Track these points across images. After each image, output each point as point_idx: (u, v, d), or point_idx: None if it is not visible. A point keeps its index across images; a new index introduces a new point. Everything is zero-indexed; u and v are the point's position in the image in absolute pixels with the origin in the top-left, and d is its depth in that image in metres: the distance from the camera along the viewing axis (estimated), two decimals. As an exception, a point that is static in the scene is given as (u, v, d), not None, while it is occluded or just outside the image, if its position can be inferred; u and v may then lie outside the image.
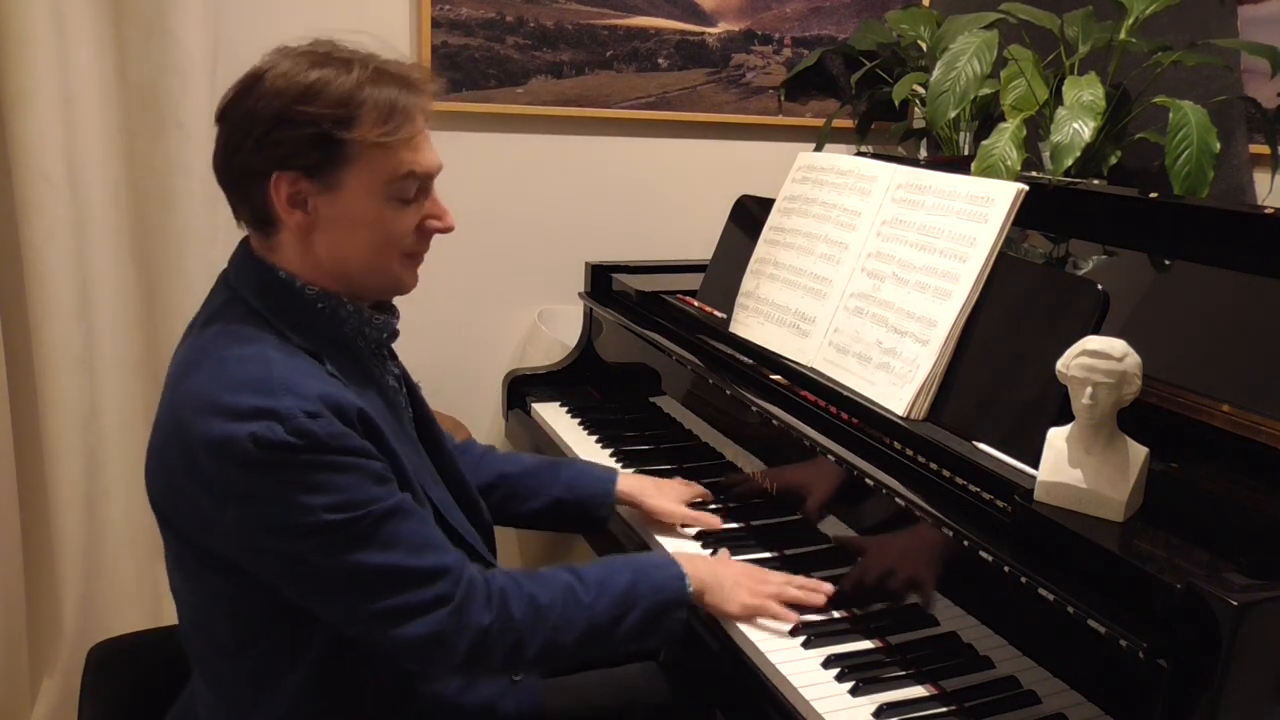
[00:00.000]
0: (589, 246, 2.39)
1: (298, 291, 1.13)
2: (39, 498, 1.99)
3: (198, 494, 1.05)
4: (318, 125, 1.06)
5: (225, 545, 1.08)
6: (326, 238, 1.11)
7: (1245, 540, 1.05)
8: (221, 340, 1.09)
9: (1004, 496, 1.13)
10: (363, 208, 1.10)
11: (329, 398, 1.04)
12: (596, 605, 1.17)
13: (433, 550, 1.10)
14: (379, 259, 1.14)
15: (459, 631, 1.09)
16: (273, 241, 1.13)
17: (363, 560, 1.04)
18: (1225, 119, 1.92)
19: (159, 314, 2.01)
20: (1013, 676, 1.10)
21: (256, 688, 1.15)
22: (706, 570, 1.30)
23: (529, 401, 2.11)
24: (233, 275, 1.16)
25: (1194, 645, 0.89)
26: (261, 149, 1.07)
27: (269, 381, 1.03)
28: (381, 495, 1.06)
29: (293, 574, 1.06)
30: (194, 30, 1.91)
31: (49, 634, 2.05)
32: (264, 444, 1.00)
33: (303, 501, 1.02)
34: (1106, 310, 1.20)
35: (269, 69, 1.09)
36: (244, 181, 1.10)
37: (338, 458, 1.03)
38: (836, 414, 1.43)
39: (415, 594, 1.07)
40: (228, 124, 1.11)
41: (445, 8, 2.26)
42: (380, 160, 1.09)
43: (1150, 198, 1.60)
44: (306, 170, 1.07)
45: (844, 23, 2.61)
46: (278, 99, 1.06)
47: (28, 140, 1.82)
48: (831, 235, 1.59)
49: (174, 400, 1.09)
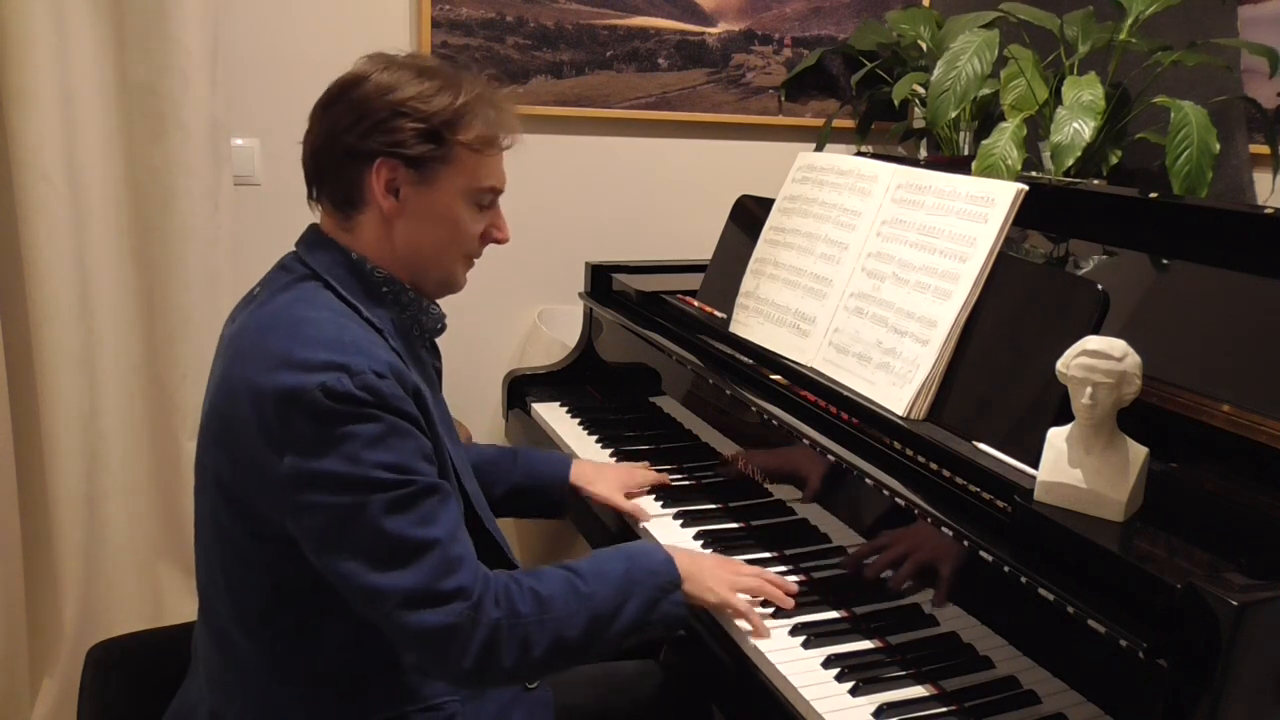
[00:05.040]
0: (589, 246, 2.39)
1: (367, 273, 1.20)
2: (39, 498, 1.99)
3: (259, 447, 1.08)
4: (430, 122, 1.15)
5: (274, 502, 1.10)
6: (407, 227, 1.19)
7: (1245, 540, 1.05)
8: (296, 307, 1.15)
9: (1004, 496, 1.13)
10: (447, 206, 1.20)
11: (395, 366, 1.11)
12: (596, 595, 1.18)
13: (462, 541, 1.13)
14: (446, 255, 1.23)
15: (474, 627, 1.10)
16: (351, 223, 1.20)
17: (401, 529, 1.07)
18: (1225, 119, 1.92)
19: (159, 314, 2.01)
20: (1013, 676, 1.10)
21: (272, 667, 1.16)
22: (686, 559, 1.30)
23: (529, 401, 2.11)
24: (304, 252, 1.22)
25: (1194, 645, 0.89)
26: (374, 134, 1.15)
27: (340, 340, 1.09)
28: (428, 471, 1.11)
29: (331, 533, 1.08)
30: (194, 30, 1.90)
31: (49, 634, 2.05)
32: (332, 394, 1.05)
33: (359, 454, 1.06)
34: (1106, 310, 1.20)
35: (374, 71, 1.17)
36: (344, 162, 1.17)
37: (398, 420, 1.09)
38: (836, 414, 1.43)
39: (440, 579, 1.08)
40: (336, 108, 1.17)
41: (445, 8, 2.26)
42: (473, 167, 1.20)
43: (1150, 198, 1.60)
44: (408, 161, 1.16)
45: (844, 23, 2.61)
46: (395, 92, 1.15)
47: (28, 140, 1.82)
48: (831, 235, 1.59)
49: (242, 363, 1.12)
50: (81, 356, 1.93)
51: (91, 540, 2.00)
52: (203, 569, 1.23)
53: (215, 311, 2.01)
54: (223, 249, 2.01)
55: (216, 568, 1.20)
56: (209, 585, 1.22)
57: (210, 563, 1.21)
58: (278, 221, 2.41)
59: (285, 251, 1.26)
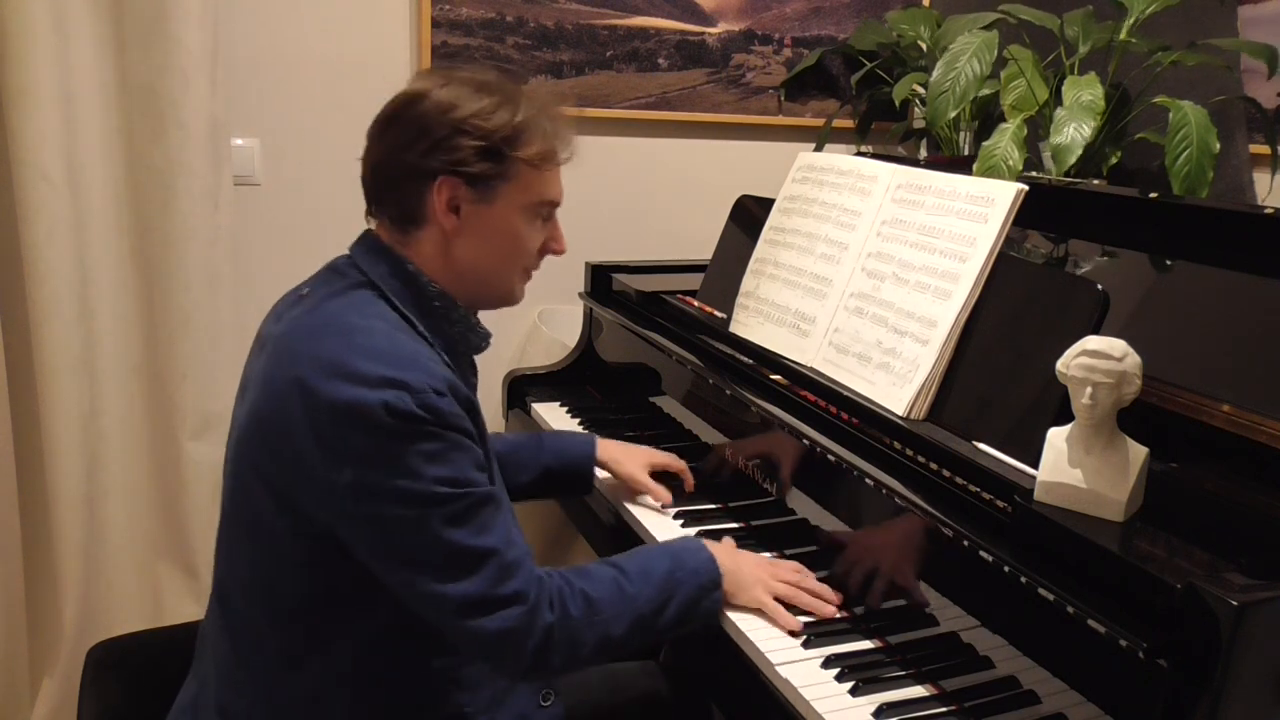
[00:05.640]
0: (589, 246, 2.39)
1: (422, 286, 1.20)
2: (39, 498, 1.99)
3: (314, 455, 1.08)
4: (490, 139, 1.15)
5: (327, 509, 1.10)
6: (467, 243, 1.20)
7: (1245, 540, 1.05)
8: (349, 312, 1.15)
9: (1004, 496, 1.13)
10: (507, 222, 1.20)
11: (451, 382, 1.11)
12: (641, 595, 1.21)
13: (516, 546, 1.14)
14: (506, 270, 1.24)
15: (529, 632, 1.12)
16: (410, 239, 1.20)
17: (459, 538, 1.09)
18: (1225, 119, 1.92)
19: (159, 314, 2.00)
20: (1013, 676, 1.10)
21: (290, 665, 1.17)
22: (726, 557, 1.32)
23: (529, 401, 2.11)
24: (360, 258, 1.21)
25: (1194, 645, 0.89)
26: (435, 153, 1.15)
27: (398, 355, 1.09)
28: (482, 481, 1.13)
29: (390, 545, 1.09)
30: (194, 30, 1.90)
31: (49, 634, 2.05)
32: (395, 413, 1.05)
33: (420, 470, 1.06)
34: (1106, 310, 1.20)
35: (433, 88, 1.17)
36: (405, 181, 1.17)
37: (457, 435, 1.10)
38: (836, 414, 1.43)
39: (499, 585, 1.10)
40: (396, 128, 1.17)
41: (445, 8, 2.26)
42: (532, 183, 1.20)
43: (1150, 198, 1.60)
44: (469, 179, 1.16)
45: (844, 23, 2.61)
46: (455, 110, 1.15)
47: (28, 140, 1.82)
48: (831, 235, 1.59)
49: (291, 364, 1.11)
50: (81, 356, 1.93)
51: (91, 540, 2.00)
52: (225, 563, 1.23)
53: (215, 311, 2.01)
54: (223, 249, 2.00)
55: (245, 563, 1.20)
56: (233, 582, 1.21)
57: (238, 558, 1.21)
58: (278, 221, 2.40)
59: (285, 251, 1.26)
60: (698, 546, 1.32)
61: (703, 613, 1.27)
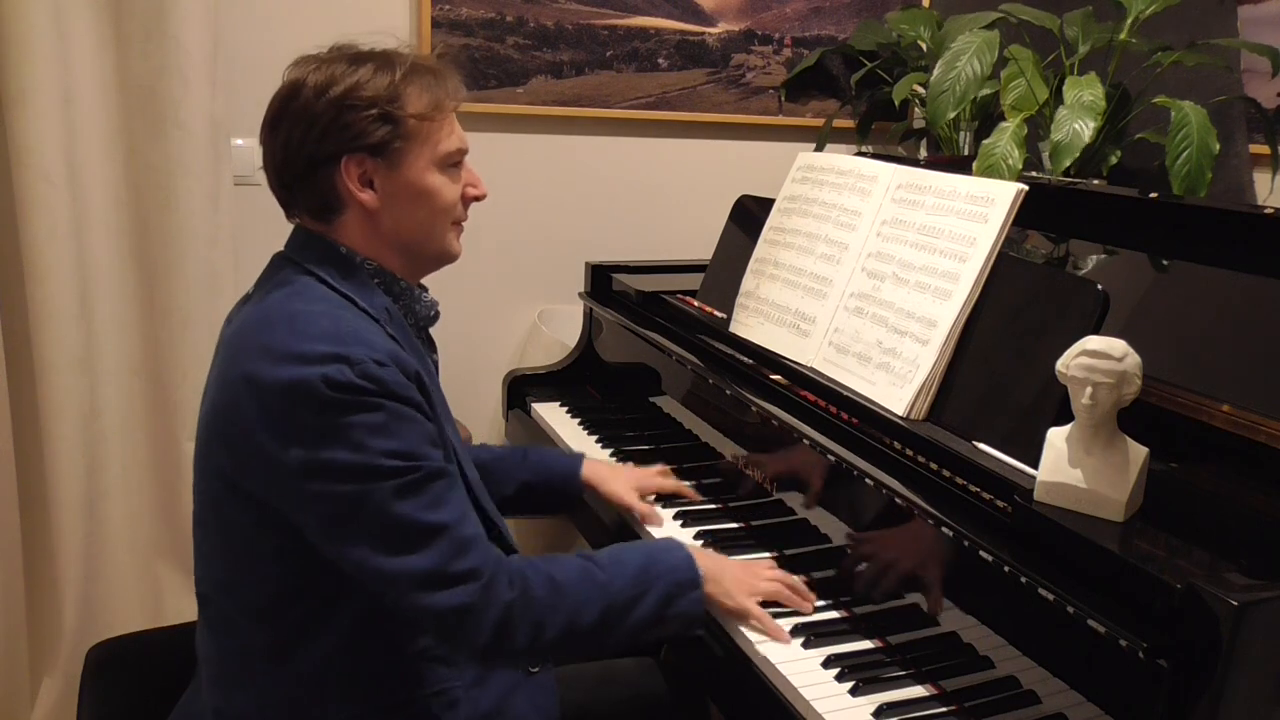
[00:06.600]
0: (589, 246, 2.39)
1: (358, 266, 1.21)
2: (39, 498, 1.99)
3: (264, 440, 1.08)
4: (376, 105, 1.15)
5: (280, 493, 1.10)
6: (391, 212, 1.20)
7: (1245, 540, 1.05)
8: (292, 300, 1.15)
9: (1004, 496, 1.13)
10: (422, 179, 1.20)
11: (394, 353, 1.12)
12: (613, 584, 1.20)
13: (471, 522, 1.14)
14: (435, 227, 1.24)
15: (486, 607, 1.11)
16: (334, 225, 1.21)
17: (410, 513, 1.08)
18: (1225, 119, 1.92)
19: (159, 314, 2.00)
20: (1013, 676, 1.10)
21: (275, 660, 1.17)
22: (710, 562, 1.31)
23: (529, 401, 2.11)
24: (294, 251, 1.22)
25: (1194, 645, 0.89)
26: (329, 137, 1.15)
27: (339, 332, 1.10)
28: (434, 455, 1.12)
29: (340, 521, 1.09)
30: (194, 30, 1.90)
31: (49, 634, 2.05)
32: (334, 385, 1.06)
33: (365, 442, 1.06)
34: (1106, 310, 1.20)
35: (307, 74, 1.17)
36: (311, 172, 1.17)
37: (402, 407, 1.10)
38: (836, 414, 1.43)
39: (452, 561, 1.10)
40: (284, 125, 1.18)
41: (445, 8, 2.26)
42: (430, 135, 1.20)
43: (1150, 198, 1.60)
44: (372, 150, 1.16)
45: (844, 23, 2.61)
46: (333, 88, 1.15)
47: (28, 140, 1.82)
48: (831, 235, 1.59)
49: (242, 359, 1.12)
50: (81, 356, 1.93)
51: (91, 540, 2.00)
52: (202, 566, 1.23)
53: (215, 311, 2.01)
54: (223, 249, 2.00)
55: (220, 563, 1.20)
56: (210, 582, 1.22)
57: (212, 559, 1.21)
58: (278, 221, 2.41)
59: (284, 251, 1.26)
60: (676, 545, 1.30)
61: (681, 612, 1.24)
